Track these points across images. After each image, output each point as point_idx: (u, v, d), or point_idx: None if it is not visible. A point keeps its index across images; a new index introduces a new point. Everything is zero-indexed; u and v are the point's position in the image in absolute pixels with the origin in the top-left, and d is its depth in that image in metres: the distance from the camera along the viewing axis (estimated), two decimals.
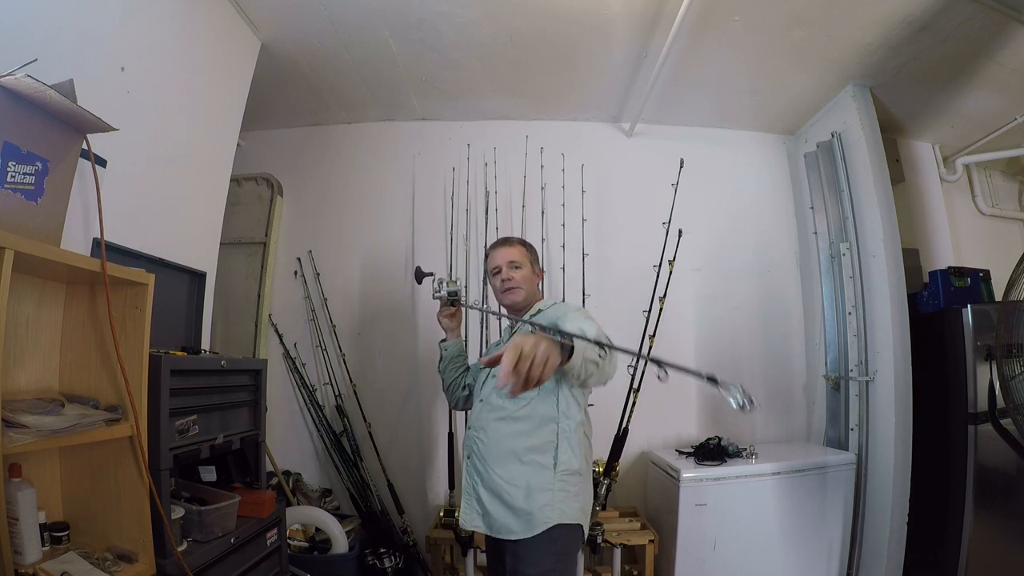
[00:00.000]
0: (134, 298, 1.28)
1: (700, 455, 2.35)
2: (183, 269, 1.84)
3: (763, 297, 2.92)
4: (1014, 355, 1.80)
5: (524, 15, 2.11)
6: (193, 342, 1.87)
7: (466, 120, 2.97)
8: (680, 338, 2.79)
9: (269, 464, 2.39)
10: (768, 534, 2.24)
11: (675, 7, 1.96)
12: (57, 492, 1.27)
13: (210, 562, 1.42)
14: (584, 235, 2.65)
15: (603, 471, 2.24)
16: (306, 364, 2.76)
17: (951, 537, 2.21)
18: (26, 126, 1.09)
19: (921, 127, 2.90)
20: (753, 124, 3.00)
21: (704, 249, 2.86)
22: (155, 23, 1.66)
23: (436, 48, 2.34)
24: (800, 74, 2.49)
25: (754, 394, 0.81)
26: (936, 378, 2.32)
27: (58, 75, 1.10)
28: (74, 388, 1.27)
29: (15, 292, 1.09)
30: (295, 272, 2.88)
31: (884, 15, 2.04)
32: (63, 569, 1.12)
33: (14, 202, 1.08)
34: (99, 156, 1.35)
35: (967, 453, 2.18)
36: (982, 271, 2.56)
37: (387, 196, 2.94)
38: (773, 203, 3.02)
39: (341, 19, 2.15)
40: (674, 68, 2.42)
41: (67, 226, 1.22)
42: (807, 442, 2.77)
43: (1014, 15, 2.00)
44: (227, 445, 1.63)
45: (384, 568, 2.28)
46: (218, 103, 2.05)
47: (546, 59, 2.43)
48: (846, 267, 2.53)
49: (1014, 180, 3.28)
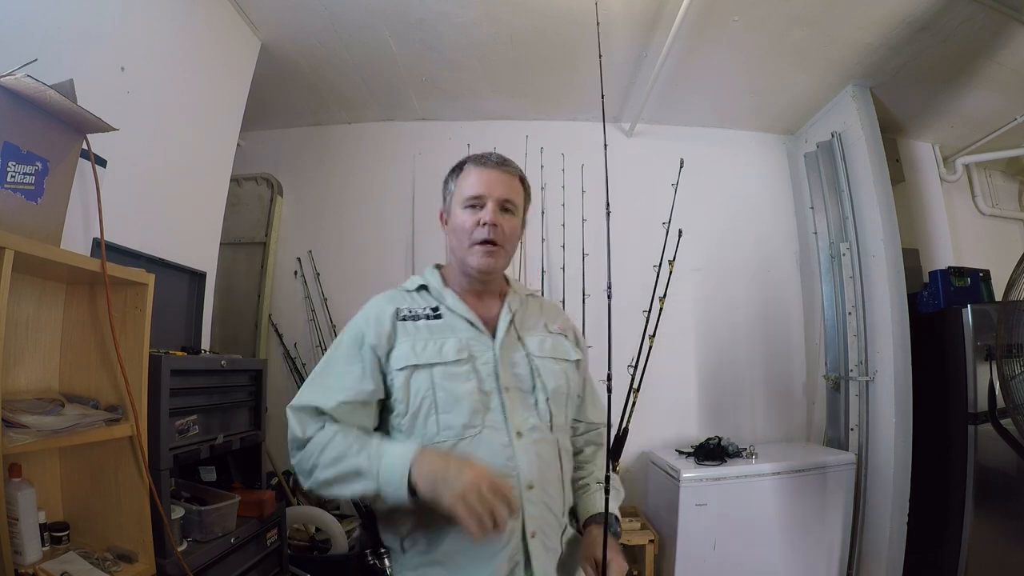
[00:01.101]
0: (134, 298, 1.29)
1: (700, 455, 2.35)
2: (183, 269, 1.84)
3: (763, 297, 2.92)
4: (1014, 355, 1.80)
5: (524, 15, 2.11)
6: (193, 342, 1.87)
7: (466, 120, 2.97)
8: (680, 338, 2.78)
9: (269, 464, 2.39)
10: (768, 534, 2.24)
11: (675, 7, 1.96)
12: (57, 492, 1.27)
13: (210, 562, 1.42)
14: (584, 235, 2.65)
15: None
16: (306, 364, 2.76)
17: (951, 537, 2.21)
18: (26, 126, 1.09)
19: (921, 127, 2.90)
20: (753, 124, 3.00)
21: (704, 249, 2.86)
22: (155, 23, 1.66)
23: (436, 48, 2.34)
24: (800, 74, 2.49)
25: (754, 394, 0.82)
26: (936, 378, 2.32)
27: (58, 75, 1.10)
28: (74, 388, 1.27)
29: (15, 292, 1.08)
30: (295, 272, 2.88)
31: (884, 15, 2.04)
32: (63, 569, 1.11)
33: (14, 202, 1.08)
34: (99, 156, 1.35)
35: (967, 453, 2.18)
36: (982, 271, 2.56)
37: (387, 196, 2.94)
38: (773, 203, 3.02)
39: (341, 19, 2.15)
40: (674, 68, 2.42)
41: (67, 226, 1.23)
42: (807, 442, 2.77)
43: (1014, 15, 2.00)
44: (227, 445, 1.63)
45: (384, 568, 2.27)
46: (218, 103, 2.05)
47: (546, 59, 2.43)
48: (846, 267, 2.53)
49: (1014, 180, 3.28)
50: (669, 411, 2.74)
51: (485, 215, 0.95)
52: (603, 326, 1.43)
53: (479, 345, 0.95)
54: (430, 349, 0.92)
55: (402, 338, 0.93)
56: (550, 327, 1.06)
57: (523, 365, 0.96)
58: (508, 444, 0.88)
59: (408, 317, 0.96)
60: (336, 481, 0.84)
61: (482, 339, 0.96)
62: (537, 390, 0.95)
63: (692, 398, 2.79)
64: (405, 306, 0.98)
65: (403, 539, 0.92)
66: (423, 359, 0.91)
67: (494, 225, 0.95)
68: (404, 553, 0.92)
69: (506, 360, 0.95)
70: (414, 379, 0.90)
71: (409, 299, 1.00)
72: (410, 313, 0.97)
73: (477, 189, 0.97)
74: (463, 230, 0.97)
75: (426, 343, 0.93)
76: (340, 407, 0.89)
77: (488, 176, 0.98)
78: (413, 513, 0.88)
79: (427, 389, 0.89)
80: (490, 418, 0.90)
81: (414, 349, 0.92)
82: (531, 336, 1.01)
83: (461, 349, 0.93)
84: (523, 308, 1.05)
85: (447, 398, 0.89)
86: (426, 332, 0.94)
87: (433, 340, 0.93)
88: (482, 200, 0.97)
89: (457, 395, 0.89)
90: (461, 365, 0.91)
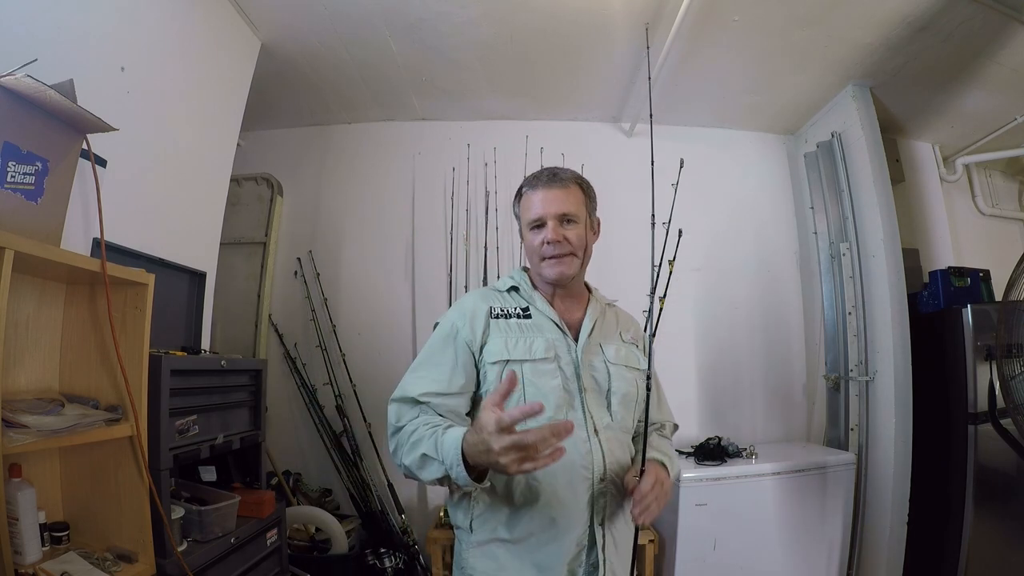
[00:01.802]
0: (134, 298, 1.29)
1: (700, 455, 2.35)
2: (183, 269, 1.84)
3: (763, 297, 2.92)
4: (1014, 355, 1.80)
5: (524, 15, 2.11)
6: (193, 342, 1.87)
7: (466, 120, 2.97)
8: (680, 338, 2.78)
9: (269, 464, 2.39)
10: (768, 534, 2.24)
11: (675, 7, 1.96)
12: (57, 492, 1.27)
13: (210, 562, 1.42)
14: None
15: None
16: (306, 364, 2.76)
17: (951, 537, 2.21)
18: (26, 126, 1.09)
19: (921, 127, 2.90)
20: (753, 124, 3.00)
21: (704, 249, 2.86)
22: (155, 23, 1.66)
23: (436, 48, 2.34)
24: (800, 74, 2.49)
25: (754, 394, 0.82)
26: (936, 378, 2.32)
27: (58, 75, 1.10)
28: (74, 388, 1.27)
29: (15, 292, 1.09)
30: (295, 272, 2.88)
31: (884, 15, 2.04)
32: (63, 569, 1.11)
33: (14, 202, 1.08)
34: (99, 156, 1.35)
35: (967, 453, 2.18)
36: (982, 271, 2.56)
37: (387, 196, 2.93)
38: (773, 203, 3.02)
39: (341, 19, 2.15)
40: (674, 68, 2.42)
41: (67, 226, 1.23)
42: (807, 442, 2.77)
43: (1014, 15, 2.00)
44: (227, 445, 1.63)
45: (384, 568, 2.28)
46: (218, 103, 2.05)
47: (546, 59, 2.43)
48: (846, 267, 2.53)
49: (1014, 180, 3.28)
50: None
51: (547, 234, 1.04)
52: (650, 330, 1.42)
53: (563, 346, 1.03)
54: (521, 346, 1.00)
55: (495, 334, 1.01)
56: (624, 336, 1.15)
57: (601, 370, 1.04)
58: (587, 439, 0.97)
59: (501, 315, 1.04)
60: (416, 466, 0.89)
61: (566, 341, 1.04)
62: (611, 393, 1.03)
63: (692, 398, 2.79)
64: (498, 304, 1.06)
65: (472, 519, 0.98)
66: (515, 355, 0.99)
67: (557, 242, 1.03)
68: (472, 532, 0.98)
69: (586, 363, 1.03)
70: (505, 373, 0.95)
71: (501, 298, 1.08)
72: (502, 311, 1.05)
73: (535, 212, 1.06)
74: (533, 250, 1.08)
75: (517, 340, 1.00)
76: (432, 396, 0.96)
77: (542, 197, 1.06)
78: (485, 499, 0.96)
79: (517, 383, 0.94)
80: (572, 414, 0.97)
81: (507, 345, 1.00)
82: (608, 344, 1.09)
83: (548, 348, 1.01)
84: (603, 317, 1.13)
85: (535, 392, 0.96)
86: (517, 330, 1.02)
87: (524, 338, 1.01)
88: (542, 220, 1.05)
89: (544, 390, 0.97)
90: (548, 363, 0.99)
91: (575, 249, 1.05)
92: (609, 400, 1.03)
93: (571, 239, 1.04)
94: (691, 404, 2.79)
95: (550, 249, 1.04)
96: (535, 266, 1.09)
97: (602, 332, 1.10)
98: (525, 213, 1.08)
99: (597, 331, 1.09)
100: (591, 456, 0.96)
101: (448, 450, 0.83)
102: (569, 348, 1.03)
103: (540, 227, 1.05)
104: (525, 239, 1.10)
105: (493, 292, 1.11)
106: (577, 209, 1.06)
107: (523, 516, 0.94)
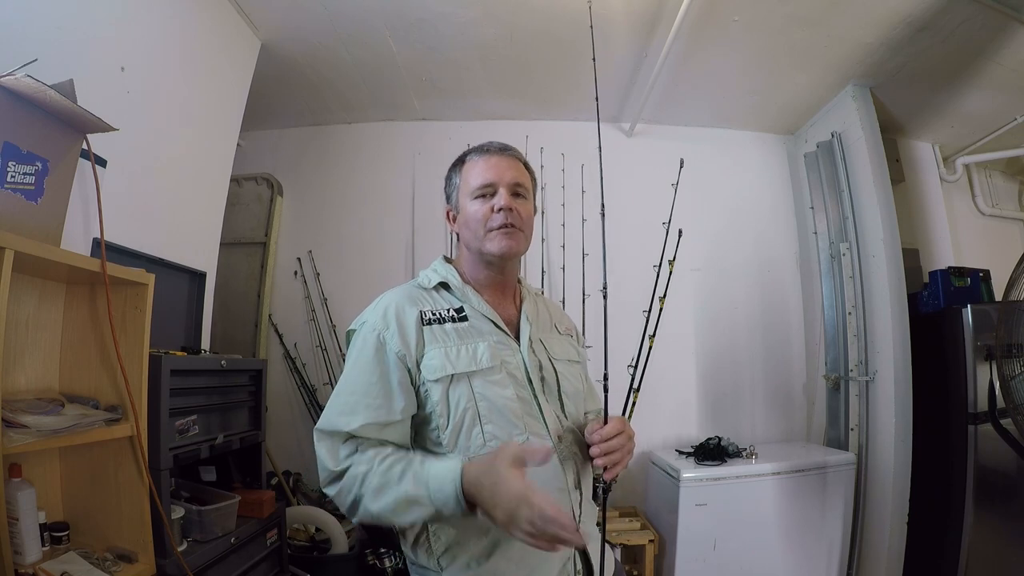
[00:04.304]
0: (134, 298, 1.29)
1: (700, 455, 2.35)
2: (183, 269, 1.84)
3: (763, 297, 2.92)
4: (1014, 355, 1.80)
5: (524, 15, 2.11)
6: (193, 342, 1.87)
7: (466, 120, 2.97)
8: (680, 338, 2.78)
9: (269, 464, 2.39)
10: (768, 534, 2.24)
11: (675, 7, 1.96)
12: (57, 492, 1.27)
13: (210, 562, 1.42)
14: (584, 235, 2.65)
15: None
16: (306, 364, 2.76)
17: (951, 537, 2.21)
18: (26, 126, 1.09)
19: (921, 127, 2.90)
20: (753, 124, 3.00)
21: (704, 249, 2.86)
22: (155, 23, 1.66)
23: (436, 48, 2.34)
24: (800, 74, 2.49)
25: (754, 394, 0.82)
26: (936, 378, 2.32)
27: (58, 75, 1.10)
28: (74, 388, 1.27)
29: (15, 292, 1.09)
30: (295, 272, 2.88)
31: (884, 15, 2.04)
32: (63, 569, 1.11)
33: (14, 202, 1.08)
34: (99, 156, 1.35)
35: (967, 453, 2.18)
36: (982, 271, 2.55)
37: (387, 196, 2.94)
38: (773, 203, 3.02)
39: (341, 19, 2.15)
40: (674, 68, 2.42)
41: (67, 226, 1.22)
42: (807, 442, 2.77)
43: (1014, 15, 2.00)
44: (227, 445, 1.63)
45: (384, 568, 2.28)
46: (218, 103, 2.05)
47: (547, 59, 2.43)
48: (846, 267, 2.53)
49: (1014, 180, 3.28)
50: (669, 411, 2.74)
51: (499, 201, 0.91)
52: (602, 326, 1.43)
53: (507, 349, 0.91)
54: (464, 356, 0.87)
55: (431, 345, 0.87)
56: (559, 328, 1.06)
57: (548, 369, 0.95)
58: (553, 450, 0.87)
59: (433, 320, 0.89)
60: (388, 512, 0.77)
61: (508, 343, 0.92)
62: (562, 393, 0.95)
63: (692, 398, 2.79)
64: (428, 307, 0.91)
65: (438, 557, 0.86)
66: (460, 367, 0.85)
67: (510, 209, 0.91)
68: (442, 571, 0.86)
69: (534, 364, 0.93)
70: (452, 390, 0.85)
71: (430, 299, 0.94)
72: (435, 316, 0.90)
73: (486, 177, 0.93)
74: (477, 220, 0.92)
75: (458, 349, 0.87)
76: (368, 428, 0.82)
77: (495, 163, 0.95)
78: (448, 530, 0.84)
79: (468, 399, 0.84)
80: (532, 424, 0.87)
81: (447, 356, 0.86)
82: (548, 339, 1.00)
83: (494, 355, 0.88)
84: (536, 310, 1.03)
85: (489, 407, 0.85)
86: (455, 337, 0.89)
87: (464, 346, 0.88)
88: (493, 187, 0.93)
89: (498, 404, 0.85)
90: (496, 372, 0.87)
91: (524, 226, 0.94)
92: (562, 401, 0.94)
93: (522, 214, 0.93)
94: (691, 404, 2.79)
95: (501, 217, 0.90)
96: (477, 242, 0.93)
97: (539, 327, 1.00)
98: (470, 180, 0.95)
99: (535, 327, 0.98)
100: (561, 467, 0.88)
101: (440, 489, 0.74)
102: (513, 350, 0.92)
103: (488, 196, 0.93)
104: (464, 211, 0.95)
105: (418, 290, 0.95)
106: (528, 186, 0.98)
107: (498, 546, 0.83)
